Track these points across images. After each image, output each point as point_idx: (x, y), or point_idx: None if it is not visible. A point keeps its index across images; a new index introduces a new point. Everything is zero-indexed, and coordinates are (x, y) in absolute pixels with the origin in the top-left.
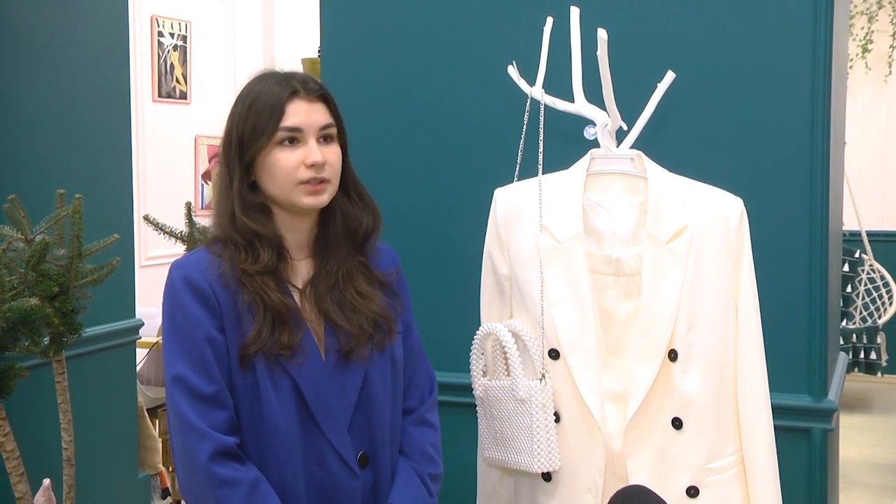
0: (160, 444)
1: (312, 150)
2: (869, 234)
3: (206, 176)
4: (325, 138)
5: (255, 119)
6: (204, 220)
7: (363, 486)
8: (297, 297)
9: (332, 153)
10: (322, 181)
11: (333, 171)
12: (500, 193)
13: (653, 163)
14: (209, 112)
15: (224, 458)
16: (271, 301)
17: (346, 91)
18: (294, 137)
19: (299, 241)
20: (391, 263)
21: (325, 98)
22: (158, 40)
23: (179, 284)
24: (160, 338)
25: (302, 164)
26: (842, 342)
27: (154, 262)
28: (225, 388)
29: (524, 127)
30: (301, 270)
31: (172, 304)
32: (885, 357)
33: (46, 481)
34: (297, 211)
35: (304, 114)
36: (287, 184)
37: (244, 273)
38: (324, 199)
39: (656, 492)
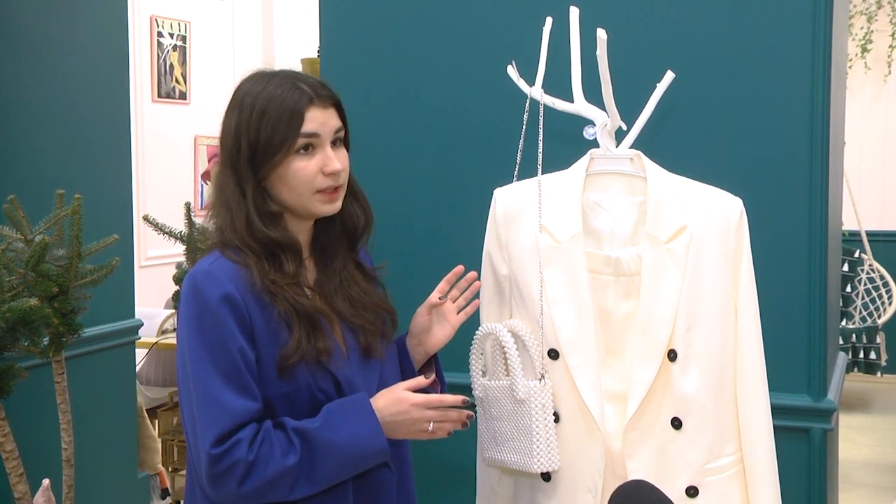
0: (159, 444)
1: (331, 158)
2: (868, 233)
3: (206, 176)
4: (334, 142)
5: (272, 129)
6: (203, 220)
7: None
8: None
9: (344, 157)
10: (337, 188)
11: (346, 176)
12: (499, 193)
13: (652, 163)
14: (209, 112)
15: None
16: (304, 308)
17: (346, 91)
18: (310, 144)
19: (303, 243)
20: (368, 259)
21: (337, 103)
22: (158, 40)
23: (215, 299)
24: (160, 338)
25: (320, 173)
26: (841, 342)
27: (154, 262)
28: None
29: (523, 127)
30: (308, 271)
31: (204, 317)
32: (884, 357)
33: (46, 481)
34: (309, 216)
35: (319, 120)
36: (305, 193)
37: (273, 283)
38: (338, 205)
39: None
